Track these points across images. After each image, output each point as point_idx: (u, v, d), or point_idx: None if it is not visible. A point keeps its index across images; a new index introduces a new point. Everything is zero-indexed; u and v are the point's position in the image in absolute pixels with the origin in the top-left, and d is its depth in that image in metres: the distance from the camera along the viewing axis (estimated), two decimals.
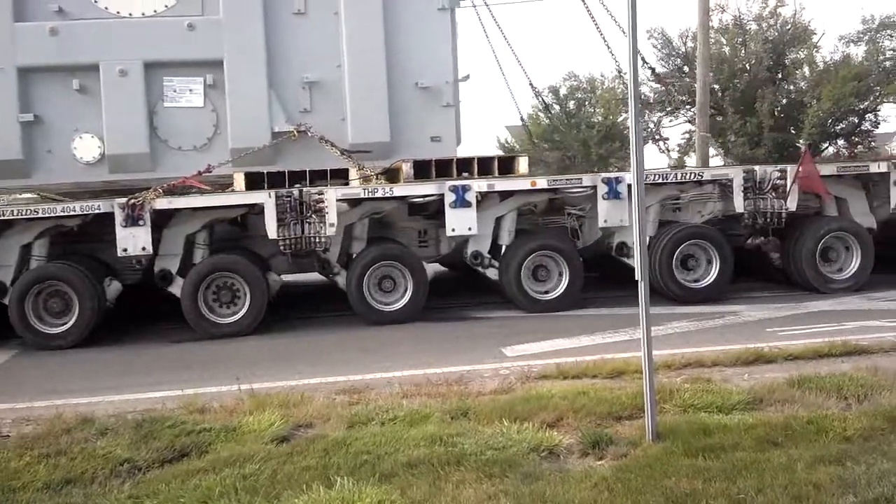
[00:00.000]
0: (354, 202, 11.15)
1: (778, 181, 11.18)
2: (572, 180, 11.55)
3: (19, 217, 10.41)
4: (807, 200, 11.64)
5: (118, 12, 11.38)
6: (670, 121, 35.53)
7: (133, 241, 10.44)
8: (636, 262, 5.66)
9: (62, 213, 10.47)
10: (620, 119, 35.32)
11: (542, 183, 11.41)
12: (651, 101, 33.35)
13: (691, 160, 30.98)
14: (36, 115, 11.17)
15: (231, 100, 11.53)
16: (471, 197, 11.01)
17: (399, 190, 11.10)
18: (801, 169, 11.00)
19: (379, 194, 10.96)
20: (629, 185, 11.33)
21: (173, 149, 11.60)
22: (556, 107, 38.67)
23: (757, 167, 11.65)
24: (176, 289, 10.83)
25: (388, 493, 4.79)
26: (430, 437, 5.67)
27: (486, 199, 11.34)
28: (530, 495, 4.70)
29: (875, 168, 11.76)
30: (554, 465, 5.33)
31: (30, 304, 10.42)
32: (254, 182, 11.15)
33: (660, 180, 11.54)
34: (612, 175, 11.41)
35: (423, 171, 11.32)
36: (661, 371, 7.17)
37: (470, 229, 11.10)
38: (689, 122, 33.80)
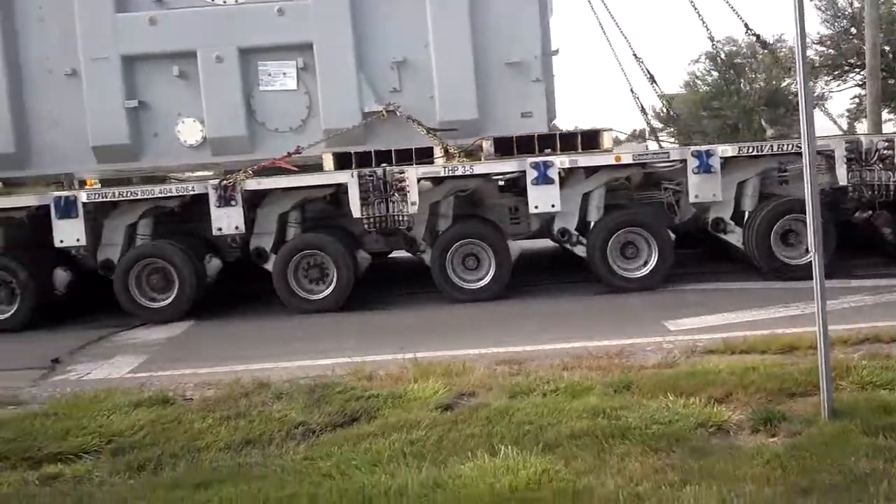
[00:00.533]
0: (437, 180, 11.31)
1: (885, 152, 10.40)
2: (659, 154, 11.22)
3: (122, 199, 11.23)
4: None
5: (212, 0, 11.96)
6: (838, 85, 33.57)
7: (227, 220, 11.08)
8: (809, 234, 5.56)
9: (160, 195, 11.20)
10: (784, 84, 33.71)
11: (626, 158, 11.15)
12: (816, 64, 31.66)
13: (862, 126, 29.13)
14: (141, 101, 11.99)
15: (322, 82, 11.92)
16: (553, 173, 10.91)
17: (479, 168, 11.17)
18: None
19: (459, 172, 11.07)
20: (722, 159, 10.94)
21: (270, 131, 12.12)
22: (715, 73, 37.40)
23: (862, 137, 10.89)
24: (270, 266, 11.36)
25: (552, 463, 4.87)
26: (592, 409, 5.74)
27: (571, 176, 11.22)
28: (699, 471, 4.68)
29: None
30: (723, 441, 5.27)
31: (133, 280, 11.23)
32: (342, 162, 11.52)
33: (755, 152, 11.00)
34: (703, 148, 10.99)
35: (505, 148, 11.32)
36: (837, 347, 6.95)
37: (553, 206, 11.02)
38: (859, 86, 31.76)
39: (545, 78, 12.13)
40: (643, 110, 14.03)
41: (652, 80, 13.26)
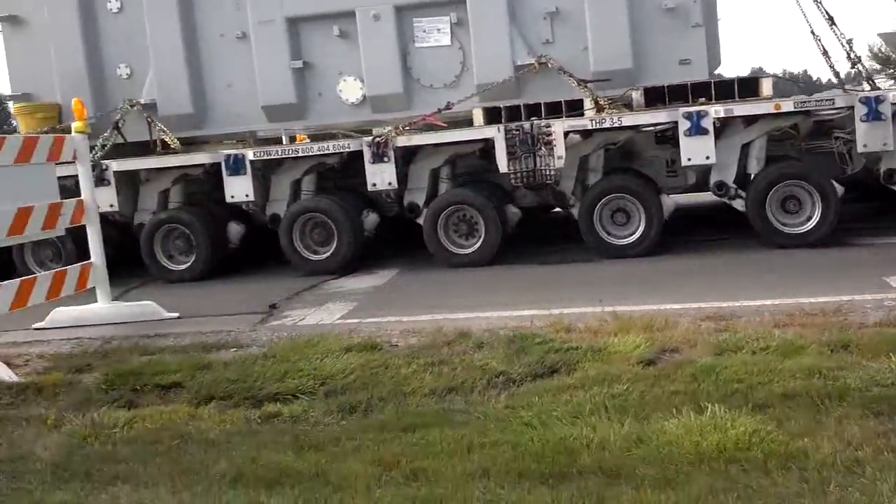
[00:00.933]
0: (586, 134, 11.23)
1: None
2: (823, 101, 10.56)
3: (285, 157, 11.92)
4: None
5: None
6: None
7: (381, 176, 11.51)
8: None
9: (319, 152, 11.79)
10: None
11: (787, 106, 10.61)
12: None
13: None
14: (305, 61, 12.61)
15: (475, 36, 12.11)
16: (707, 124, 10.58)
17: (627, 119, 11.00)
18: None
19: (607, 125, 10.95)
20: (894, 105, 10.15)
21: (426, 87, 12.44)
22: None
23: None
24: (422, 220, 11.71)
25: (762, 423, 4.76)
26: (806, 368, 5.62)
27: (728, 126, 10.83)
28: None
29: None
30: None
31: (297, 233, 11.93)
32: (492, 117, 11.70)
33: None
34: (872, 94, 10.25)
35: (656, 98, 11.06)
36: None
37: (707, 158, 10.70)
38: None
39: (706, 22, 11.67)
40: (825, 53, 13.07)
41: (831, 22, 12.34)
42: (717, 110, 10.61)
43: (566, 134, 10.97)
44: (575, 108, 11.51)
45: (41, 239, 10.65)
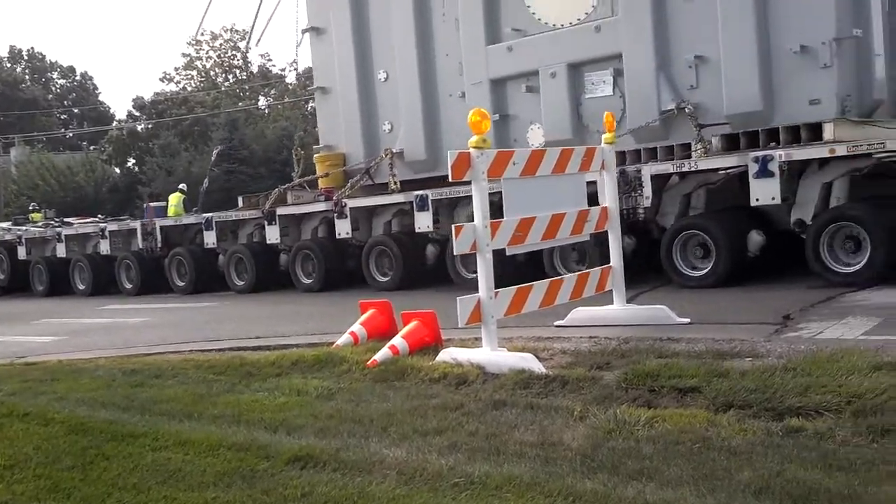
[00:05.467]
0: (682, 175, 13.64)
1: None
2: (874, 145, 11.83)
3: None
4: None
5: (554, 25, 15.85)
6: None
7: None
8: None
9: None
10: None
11: (841, 150, 12.01)
12: None
13: None
14: (503, 114, 16.60)
15: (629, 86, 14.98)
16: (773, 167, 12.23)
17: (703, 163, 13.40)
18: None
19: (685, 168, 13.46)
20: None
21: (593, 132, 14.85)
22: None
23: None
24: None
25: None
26: None
27: (808, 167, 12.62)
28: None
29: None
30: None
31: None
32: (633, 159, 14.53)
33: None
34: None
35: (733, 142, 13.67)
36: None
37: (773, 199, 12.42)
38: None
39: (833, 63, 12.85)
40: None
41: None
42: (780, 154, 12.26)
43: (664, 176, 13.50)
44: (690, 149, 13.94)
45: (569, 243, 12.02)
